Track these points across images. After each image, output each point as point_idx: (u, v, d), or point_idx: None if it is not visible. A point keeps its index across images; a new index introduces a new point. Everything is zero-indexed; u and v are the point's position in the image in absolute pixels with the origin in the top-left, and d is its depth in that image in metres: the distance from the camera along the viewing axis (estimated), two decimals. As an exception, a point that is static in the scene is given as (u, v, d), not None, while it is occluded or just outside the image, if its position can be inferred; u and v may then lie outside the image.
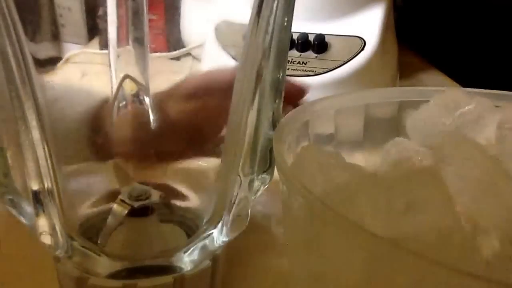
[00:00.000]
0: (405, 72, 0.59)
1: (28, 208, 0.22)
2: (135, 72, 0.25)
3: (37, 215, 0.22)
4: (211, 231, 0.24)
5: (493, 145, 0.23)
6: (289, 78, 0.30)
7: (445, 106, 0.25)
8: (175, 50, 0.26)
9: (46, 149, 0.22)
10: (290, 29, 0.24)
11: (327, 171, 0.21)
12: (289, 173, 0.19)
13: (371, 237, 0.16)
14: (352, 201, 0.19)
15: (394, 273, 0.16)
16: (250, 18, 0.22)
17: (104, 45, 0.25)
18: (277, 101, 0.25)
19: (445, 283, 0.15)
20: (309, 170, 0.21)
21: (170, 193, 0.27)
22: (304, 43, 0.46)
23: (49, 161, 0.22)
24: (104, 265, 0.23)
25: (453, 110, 0.24)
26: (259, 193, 0.26)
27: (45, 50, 0.23)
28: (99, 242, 0.24)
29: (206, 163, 0.27)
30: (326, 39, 0.46)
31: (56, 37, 0.24)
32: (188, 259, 0.24)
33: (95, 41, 0.25)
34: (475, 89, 0.27)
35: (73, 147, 0.25)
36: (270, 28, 0.22)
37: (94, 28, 0.25)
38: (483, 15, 0.77)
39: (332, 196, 0.20)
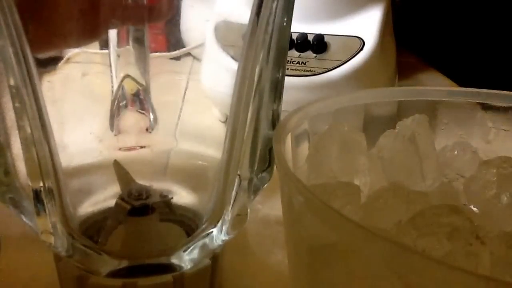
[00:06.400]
0: (403, 72, 0.59)
1: (29, 207, 0.23)
2: (135, 72, 0.26)
3: (38, 214, 0.22)
4: (210, 230, 0.25)
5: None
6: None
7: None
8: (175, 50, 0.26)
9: (46, 148, 0.22)
10: (290, 29, 0.24)
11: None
12: (289, 173, 0.19)
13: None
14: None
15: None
16: (250, 18, 0.22)
17: (104, 45, 0.25)
18: (276, 101, 0.25)
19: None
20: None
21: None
22: (303, 43, 0.46)
23: (49, 160, 0.22)
24: (104, 263, 0.24)
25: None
26: (258, 192, 0.26)
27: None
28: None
29: (206, 163, 0.27)
30: (325, 39, 0.46)
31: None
32: (188, 258, 0.24)
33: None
34: (475, 89, 0.27)
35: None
36: (269, 28, 0.22)
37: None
38: (481, 16, 0.78)
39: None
